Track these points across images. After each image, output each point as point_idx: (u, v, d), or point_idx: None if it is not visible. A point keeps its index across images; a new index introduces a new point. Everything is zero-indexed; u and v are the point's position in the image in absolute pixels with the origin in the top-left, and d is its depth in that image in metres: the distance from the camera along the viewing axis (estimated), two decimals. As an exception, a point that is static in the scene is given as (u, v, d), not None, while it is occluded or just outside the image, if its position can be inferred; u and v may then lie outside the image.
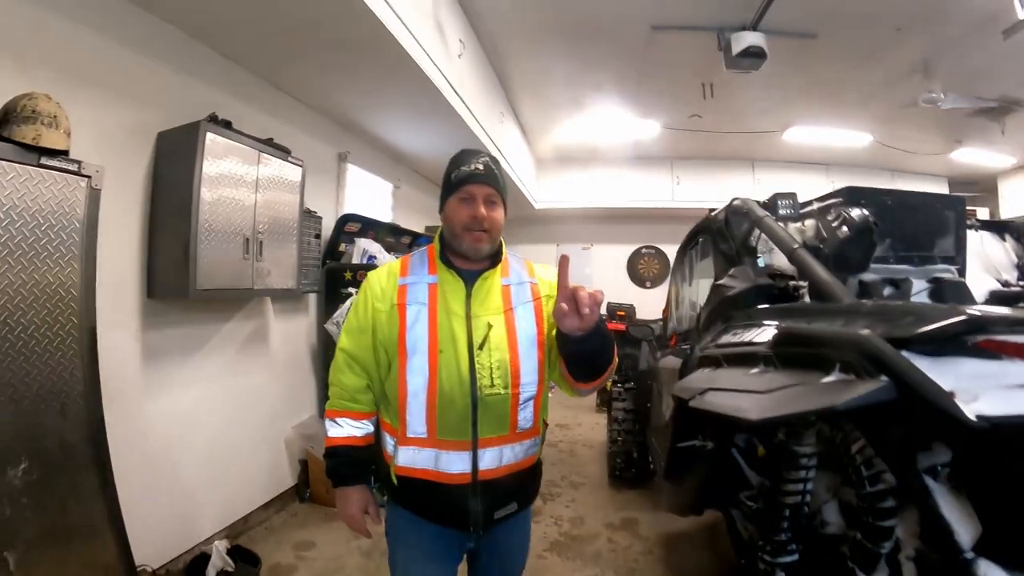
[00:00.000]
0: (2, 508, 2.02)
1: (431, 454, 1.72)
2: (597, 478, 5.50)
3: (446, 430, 1.70)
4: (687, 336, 3.44)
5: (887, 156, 8.79)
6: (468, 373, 1.69)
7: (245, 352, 4.18)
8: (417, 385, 1.70)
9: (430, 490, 1.73)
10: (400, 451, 1.74)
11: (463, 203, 1.73)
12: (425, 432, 1.71)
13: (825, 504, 2.07)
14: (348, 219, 5.24)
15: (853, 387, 1.28)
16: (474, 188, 1.72)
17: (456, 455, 1.71)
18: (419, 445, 1.72)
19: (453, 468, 1.71)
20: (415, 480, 1.74)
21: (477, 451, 1.72)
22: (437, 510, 1.76)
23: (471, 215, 1.72)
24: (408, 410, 1.71)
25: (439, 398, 1.69)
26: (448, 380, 1.69)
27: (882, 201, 2.81)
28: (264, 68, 4.10)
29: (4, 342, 2.09)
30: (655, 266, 11.70)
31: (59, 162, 2.28)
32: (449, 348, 1.70)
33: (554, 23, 5.17)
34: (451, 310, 1.74)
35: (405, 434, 1.73)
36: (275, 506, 4.45)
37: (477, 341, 1.71)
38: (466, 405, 1.69)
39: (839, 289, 2.15)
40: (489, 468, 1.73)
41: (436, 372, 1.69)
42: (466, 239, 1.74)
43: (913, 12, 4.72)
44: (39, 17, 2.63)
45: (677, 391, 2.19)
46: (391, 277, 1.82)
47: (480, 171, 1.73)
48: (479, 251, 1.77)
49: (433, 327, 1.72)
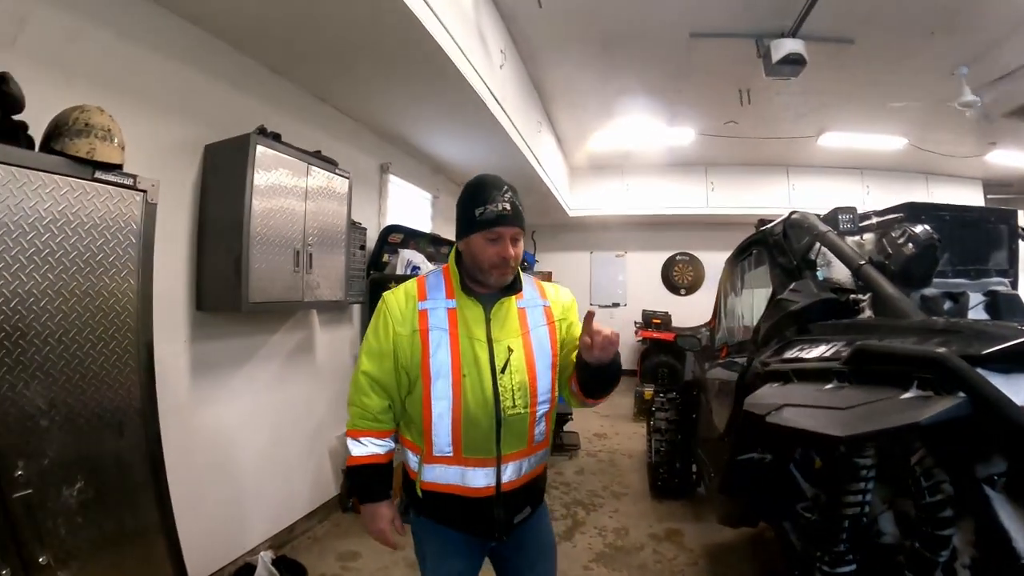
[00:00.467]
0: (57, 527, 1.99)
1: (457, 471, 1.82)
2: (638, 488, 5.46)
3: (471, 448, 1.80)
4: (740, 348, 3.41)
5: (922, 159, 8.69)
6: (492, 395, 1.79)
7: (291, 363, 4.21)
8: (442, 408, 1.78)
9: (456, 503, 1.84)
10: (425, 468, 1.84)
11: (491, 243, 1.77)
12: (451, 451, 1.80)
13: (881, 514, 2.08)
14: (391, 230, 5.28)
15: (933, 404, 1.33)
16: (503, 230, 1.76)
17: (481, 471, 1.82)
18: (445, 463, 1.82)
19: (478, 483, 1.82)
20: (441, 494, 1.84)
21: (500, 466, 1.83)
22: (462, 520, 1.87)
23: (501, 256, 1.77)
24: (434, 431, 1.80)
25: (464, 420, 1.78)
26: (474, 403, 1.77)
27: (940, 216, 2.85)
28: (310, 81, 4.14)
29: (60, 360, 2.05)
30: (689, 273, 11.66)
31: (114, 176, 2.23)
32: (472, 372, 1.78)
33: (592, 31, 5.20)
34: (473, 335, 1.81)
35: (431, 453, 1.82)
36: (319, 516, 4.47)
37: (499, 365, 1.80)
38: (491, 426, 1.79)
39: (908, 306, 2.16)
40: (510, 480, 1.86)
41: (461, 395, 1.77)
42: (494, 275, 1.80)
43: (947, 15, 4.69)
44: (85, 30, 2.63)
45: (749, 407, 2.18)
46: (410, 300, 1.86)
47: (508, 212, 1.76)
48: (504, 284, 1.85)
49: (456, 353, 1.79)
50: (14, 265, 1.89)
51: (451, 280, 1.90)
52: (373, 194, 5.48)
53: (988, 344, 1.35)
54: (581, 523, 4.60)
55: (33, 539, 1.89)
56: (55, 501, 1.99)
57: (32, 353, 1.95)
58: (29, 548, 1.88)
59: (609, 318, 11.68)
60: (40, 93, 2.12)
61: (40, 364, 1.98)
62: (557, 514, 4.77)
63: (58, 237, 2.03)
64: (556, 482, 5.56)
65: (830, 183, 9.22)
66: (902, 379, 1.48)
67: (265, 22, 3.24)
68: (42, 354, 1.98)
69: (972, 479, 1.47)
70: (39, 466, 1.94)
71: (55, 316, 2.03)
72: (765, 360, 2.52)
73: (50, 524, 1.96)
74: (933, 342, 1.53)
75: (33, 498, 1.90)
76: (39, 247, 1.97)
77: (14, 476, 1.86)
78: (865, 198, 8.96)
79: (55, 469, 2.00)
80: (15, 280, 1.89)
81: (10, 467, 1.85)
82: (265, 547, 3.72)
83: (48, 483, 1.97)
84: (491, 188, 1.79)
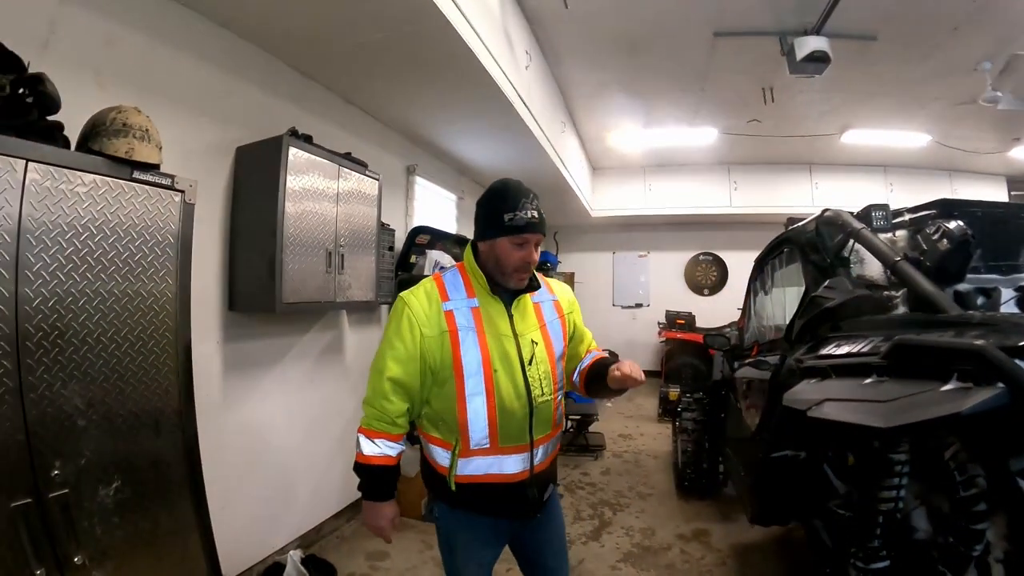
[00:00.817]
0: (92, 527, 1.99)
1: (495, 460, 1.92)
2: (664, 488, 5.45)
3: (507, 438, 1.92)
4: (772, 346, 3.41)
5: (945, 156, 8.59)
6: (524, 387, 1.92)
7: (321, 364, 4.25)
8: (478, 404, 1.88)
9: (493, 490, 1.94)
10: (461, 463, 1.92)
11: (518, 247, 1.88)
12: (488, 443, 1.91)
13: (914, 510, 2.10)
14: (419, 231, 5.31)
15: (973, 394, 1.37)
16: (531, 236, 1.88)
17: (517, 457, 1.95)
18: (483, 455, 1.92)
19: (515, 468, 1.95)
20: (478, 485, 1.93)
21: (533, 450, 1.98)
22: (499, 506, 1.98)
23: (525, 260, 1.89)
24: (471, 427, 1.89)
25: (500, 412, 1.89)
26: (507, 395, 1.89)
27: (972, 212, 2.86)
28: (338, 84, 4.18)
29: (98, 360, 2.05)
30: (712, 273, 11.59)
31: (152, 176, 2.23)
32: (503, 367, 1.90)
33: (616, 31, 5.20)
34: (499, 332, 1.93)
35: (468, 447, 1.90)
36: (347, 515, 4.50)
37: (527, 358, 1.94)
38: (524, 414, 1.92)
39: (945, 301, 2.19)
40: (541, 462, 2.01)
41: (494, 390, 1.88)
42: (515, 278, 1.93)
43: (970, 11, 4.66)
44: (118, 33, 2.67)
45: (789, 402, 2.20)
46: (432, 302, 1.92)
47: (536, 220, 1.87)
48: (521, 287, 1.97)
49: (485, 350, 1.89)
50: (52, 264, 1.88)
51: (469, 279, 1.99)
52: (400, 195, 5.52)
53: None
54: (608, 523, 4.60)
55: (69, 539, 1.89)
56: (91, 501, 1.99)
57: (71, 353, 1.95)
58: (64, 548, 1.87)
59: (631, 319, 11.71)
60: (72, 95, 2.13)
61: (78, 364, 1.97)
62: (584, 514, 4.78)
63: (96, 237, 2.04)
64: (582, 482, 5.57)
65: (853, 181, 9.15)
66: (941, 372, 1.50)
67: (294, 25, 3.26)
68: (80, 354, 1.98)
69: (1006, 473, 1.51)
70: (76, 466, 1.95)
71: (93, 316, 2.03)
72: (800, 357, 2.53)
73: (86, 524, 1.96)
74: (971, 335, 1.56)
75: (69, 497, 1.90)
76: (77, 247, 1.97)
77: (51, 476, 1.86)
78: (889, 195, 8.86)
79: (92, 469, 2.00)
80: (53, 279, 1.89)
81: (47, 467, 1.86)
82: (294, 546, 3.74)
83: (84, 483, 1.97)
84: (519, 195, 1.88)
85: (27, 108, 1.94)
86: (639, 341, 11.42)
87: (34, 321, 1.83)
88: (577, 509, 4.88)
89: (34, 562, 1.78)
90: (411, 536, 4.20)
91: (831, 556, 2.53)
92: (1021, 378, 1.30)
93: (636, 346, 11.36)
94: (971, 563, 1.71)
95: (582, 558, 3.99)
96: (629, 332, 11.55)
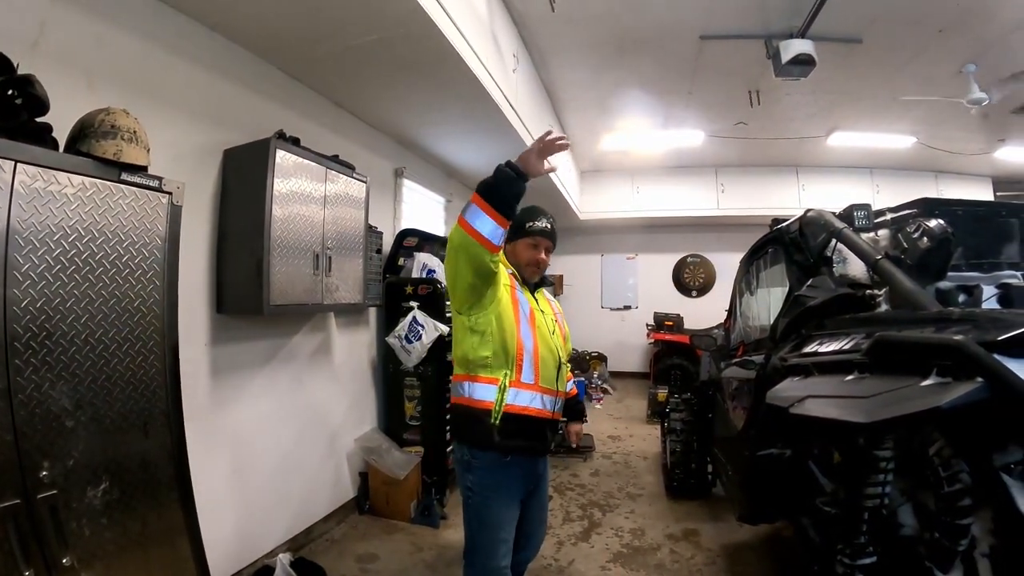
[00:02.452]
0: (81, 528, 1.98)
1: (535, 395, 2.41)
2: (654, 489, 5.47)
3: (546, 380, 2.44)
4: (758, 346, 3.44)
5: (931, 157, 8.67)
6: (554, 344, 2.51)
7: (309, 366, 4.24)
8: (529, 346, 2.40)
9: (530, 423, 2.40)
10: (511, 392, 2.35)
11: (532, 248, 2.57)
12: (533, 380, 2.40)
13: (900, 507, 2.12)
14: (406, 234, 5.32)
15: (953, 388, 1.40)
16: (543, 240, 2.58)
17: (548, 398, 2.46)
18: (529, 389, 2.39)
19: (546, 407, 2.45)
20: (520, 416, 2.36)
21: (556, 397, 2.51)
22: (531, 438, 2.43)
23: (537, 259, 2.58)
24: (525, 360, 2.38)
25: (541, 358, 2.42)
26: (544, 347, 2.44)
27: (953, 211, 2.93)
28: (327, 87, 4.19)
29: (87, 360, 2.04)
30: (700, 275, 11.65)
31: (140, 178, 2.23)
32: (543, 325, 2.49)
33: (603, 35, 5.23)
34: (532, 306, 2.52)
35: (520, 379, 2.37)
36: (336, 518, 4.49)
37: (550, 328, 2.55)
38: (555, 365, 2.49)
39: (925, 298, 2.21)
40: (556, 411, 2.54)
41: (537, 338, 2.43)
42: (527, 271, 2.59)
43: (955, 14, 4.72)
44: (107, 35, 2.67)
45: (772, 399, 2.22)
46: (503, 274, 2.43)
47: (549, 229, 2.59)
48: (533, 280, 2.63)
49: (532, 309, 2.49)
50: (41, 266, 1.88)
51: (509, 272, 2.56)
52: (388, 198, 5.53)
53: (1004, 330, 1.40)
54: (598, 524, 4.62)
55: (57, 540, 1.89)
56: (80, 502, 1.99)
57: (59, 354, 1.94)
58: (53, 549, 1.87)
59: (620, 321, 11.74)
60: (61, 96, 2.14)
61: (67, 365, 1.96)
62: (574, 515, 4.79)
63: (85, 238, 2.04)
64: (572, 484, 5.58)
65: (840, 182, 9.22)
66: (922, 368, 1.54)
67: (283, 28, 3.27)
68: (69, 355, 1.98)
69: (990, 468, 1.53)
70: (64, 467, 1.94)
71: (82, 317, 2.03)
72: (784, 356, 2.56)
73: (74, 525, 1.96)
74: (951, 331, 1.58)
75: (58, 499, 1.90)
76: (65, 248, 1.96)
77: (39, 477, 1.85)
78: (875, 197, 8.94)
79: (80, 470, 2.00)
80: (42, 281, 1.89)
81: (36, 467, 1.85)
82: (283, 549, 3.74)
83: (73, 484, 1.97)
84: (541, 212, 2.60)
85: (16, 110, 1.94)
86: (628, 343, 11.47)
87: (23, 322, 1.83)
88: (567, 510, 4.89)
89: (23, 564, 1.77)
90: (400, 539, 4.21)
91: (819, 553, 2.55)
92: (1000, 372, 1.32)
93: (625, 348, 11.40)
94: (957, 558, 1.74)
95: (572, 558, 4.00)
96: (618, 334, 11.59)
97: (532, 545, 2.77)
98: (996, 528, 1.65)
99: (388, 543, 4.17)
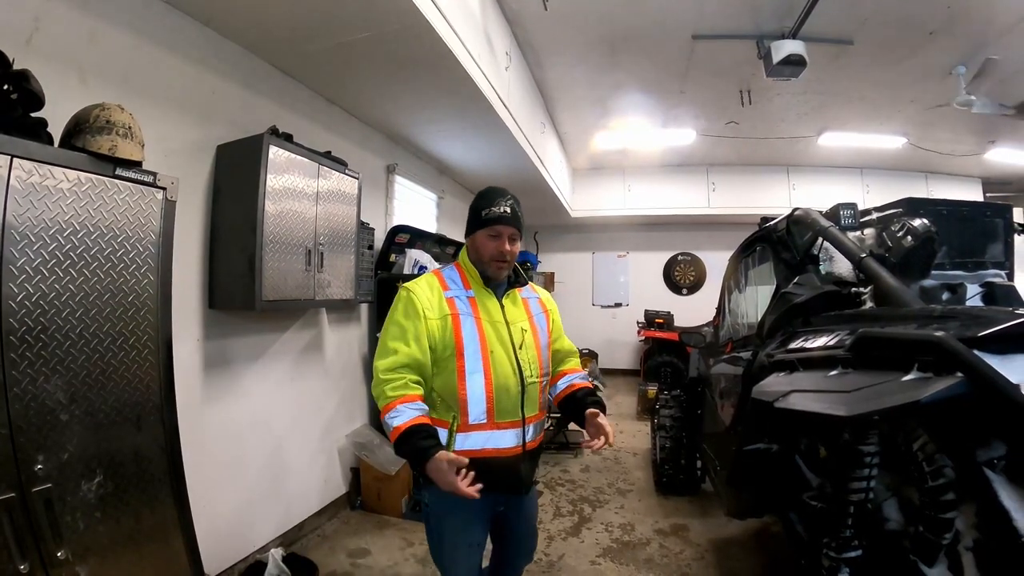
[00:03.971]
0: (76, 522, 1.99)
1: (491, 435, 2.10)
2: (643, 485, 5.51)
3: (503, 413, 2.11)
4: (745, 343, 3.47)
5: (921, 158, 8.73)
6: (516, 366, 2.14)
7: (301, 362, 4.25)
8: (476, 380, 2.07)
9: (489, 464, 2.03)
10: (459, 437, 2.06)
11: (492, 239, 2.15)
12: (486, 418, 2.08)
13: (885, 501, 2.16)
14: (398, 230, 5.33)
15: (933, 383, 1.43)
16: (502, 228, 2.14)
17: (511, 432, 2.13)
18: (480, 429, 2.08)
19: (509, 443, 2.13)
20: (475, 460, 1.95)
21: (525, 427, 2.17)
22: (496, 479, 2.05)
23: (499, 250, 2.14)
24: (470, 401, 2.06)
25: (495, 388, 2.09)
26: (502, 374, 2.10)
27: (938, 211, 2.96)
28: (320, 83, 4.19)
29: (81, 355, 2.05)
30: (691, 273, 11.71)
31: (135, 173, 2.24)
32: (498, 348, 2.12)
33: (596, 34, 5.25)
34: (493, 318, 2.17)
35: (467, 422, 2.07)
36: (327, 513, 4.51)
37: (517, 342, 2.17)
38: (517, 392, 2.13)
39: (908, 296, 2.28)
40: (531, 440, 2.21)
41: (491, 368, 2.09)
42: (492, 267, 2.18)
43: (946, 16, 4.76)
44: (101, 30, 2.67)
45: (758, 394, 2.26)
46: (435, 291, 2.14)
47: (508, 214, 2.14)
48: (500, 276, 2.22)
49: (482, 333, 2.11)
50: (36, 260, 1.89)
51: (465, 274, 2.24)
52: (380, 195, 5.54)
53: (984, 327, 1.45)
54: (588, 519, 4.65)
55: (52, 534, 1.90)
56: (74, 496, 2.00)
57: (54, 348, 1.95)
58: (48, 543, 1.88)
59: (611, 318, 11.77)
60: (55, 92, 2.15)
61: (61, 359, 1.99)
62: (564, 510, 4.82)
63: (79, 233, 2.04)
64: (562, 479, 5.62)
65: (830, 182, 9.26)
66: (903, 363, 1.57)
67: (276, 23, 3.27)
68: (63, 349, 1.98)
69: (973, 463, 1.58)
70: (59, 460, 1.95)
71: (76, 312, 2.04)
72: (770, 352, 2.60)
73: (69, 519, 1.97)
74: (932, 327, 1.61)
75: (52, 492, 1.91)
76: (60, 242, 1.97)
77: (34, 470, 1.86)
78: (865, 197, 8.99)
79: (74, 463, 2.01)
80: (37, 275, 1.89)
81: (30, 461, 1.86)
82: (275, 544, 3.74)
83: (67, 478, 1.98)
84: (496, 194, 2.17)
85: (11, 104, 1.95)
86: (618, 340, 11.50)
87: (17, 316, 1.84)
88: (557, 505, 4.92)
89: (18, 558, 1.78)
90: (392, 534, 4.23)
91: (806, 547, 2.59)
92: (978, 367, 1.36)
93: (615, 345, 11.44)
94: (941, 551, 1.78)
95: (562, 553, 4.03)
96: (609, 332, 11.62)
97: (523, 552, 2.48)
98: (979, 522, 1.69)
99: (379, 538, 4.19)
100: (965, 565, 1.74)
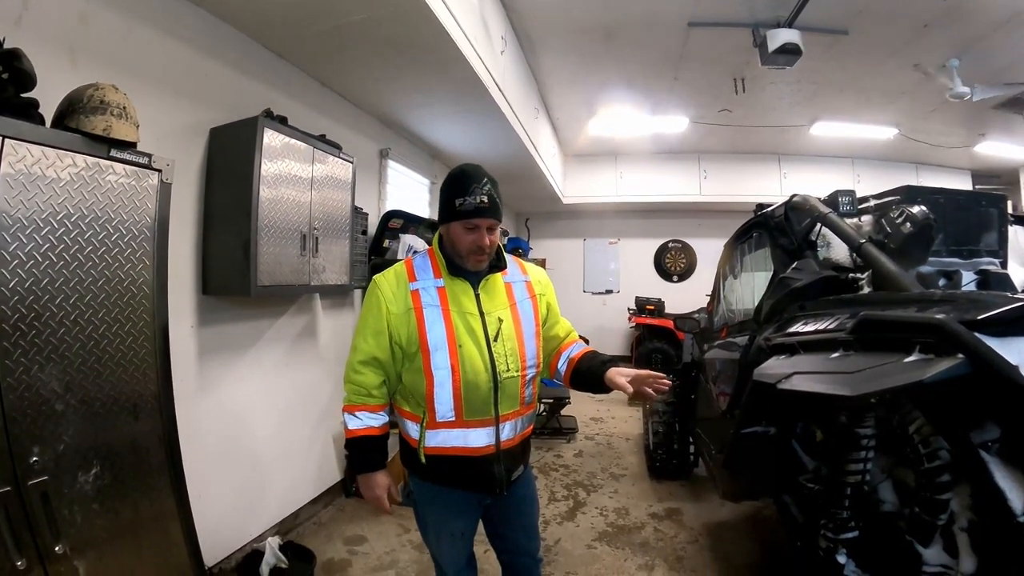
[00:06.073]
0: (73, 515, 1.96)
1: (460, 433, 2.00)
2: (637, 469, 5.56)
3: (472, 411, 1.99)
4: (741, 328, 3.49)
5: (912, 149, 8.77)
6: (488, 361, 1.98)
7: (295, 348, 4.23)
8: (443, 376, 1.95)
9: (459, 463, 2.03)
10: (428, 434, 2.01)
11: (469, 232, 1.95)
12: (453, 416, 1.98)
13: (880, 484, 2.21)
14: (391, 215, 5.31)
15: (934, 364, 1.46)
16: (480, 221, 1.94)
17: (482, 431, 2.02)
18: (448, 427, 2.00)
19: (480, 442, 2.02)
20: (445, 457, 2.02)
21: (499, 425, 2.04)
22: (467, 479, 2.06)
23: (477, 244, 1.96)
24: (436, 399, 1.97)
25: (464, 386, 1.96)
26: (472, 370, 1.95)
27: (935, 199, 2.96)
28: (314, 66, 4.13)
29: (76, 342, 2.00)
30: (682, 260, 11.72)
31: (130, 155, 2.18)
32: (468, 342, 1.97)
33: (591, 20, 5.20)
34: (464, 309, 2.00)
35: (434, 420, 1.99)
36: (323, 501, 4.51)
37: (492, 334, 2.00)
38: (489, 389, 1.99)
39: (907, 280, 2.31)
40: (507, 439, 2.07)
41: (459, 364, 1.95)
42: (470, 260, 2.00)
43: (940, 8, 4.77)
44: (91, 11, 2.60)
45: (760, 376, 2.27)
46: (400, 282, 2.03)
47: (485, 205, 1.93)
48: (480, 268, 2.04)
49: (450, 326, 1.97)
50: (29, 245, 1.84)
51: (437, 262, 2.08)
52: (373, 179, 5.49)
53: (984, 310, 1.47)
54: (582, 504, 4.69)
55: (49, 527, 1.87)
56: (71, 488, 1.97)
57: (48, 335, 1.90)
58: (45, 537, 1.85)
59: (602, 305, 11.79)
60: (43, 74, 2.08)
61: (56, 347, 1.94)
62: (559, 495, 4.86)
63: (73, 216, 1.99)
64: (556, 464, 5.65)
65: (822, 171, 9.27)
66: (904, 345, 1.60)
67: (270, 5, 3.22)
68: (57, 337, 1.94)
69: (968, 445, 1.61)
70: (55, 452, 1.92)
71: (70, 298, 1.99)
72: (769, 336, 2.61)
73: (66, 512, 1.94)
74: (932, 310, 1.64)
75: (49, 485, 1.88)
76: (54, 226, 1.91)
77: (30, 462, 1.83)
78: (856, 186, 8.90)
79: (71, 455, 1.98)
80: (30, 260, 1.84)
81: (25, 453, 1.82)
82: (272, 533, 3.73)
83: (64, 469, 1.95)
84: (471, 180, 1.95)
85: (2, 84, 1.90)
86: (609, 327, 11.50)
87: (10, 303, 1.80)
88: (551, 491, 4.95)
89: (15, 553, 1.76)
90: (388, 520, 4.22)
91: (801, 530, 2.62)
92: (979, 349, 1.38)
93: (606, 332, 11.44)
94: (936, 532, 1.83)
95: (558, 538, 4.06)
96: (599, 318, 11.61)
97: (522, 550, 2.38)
98: (974, 503, 1.74)
99: (376, 525, 4.19)
100: (960, 545, 1.78)
